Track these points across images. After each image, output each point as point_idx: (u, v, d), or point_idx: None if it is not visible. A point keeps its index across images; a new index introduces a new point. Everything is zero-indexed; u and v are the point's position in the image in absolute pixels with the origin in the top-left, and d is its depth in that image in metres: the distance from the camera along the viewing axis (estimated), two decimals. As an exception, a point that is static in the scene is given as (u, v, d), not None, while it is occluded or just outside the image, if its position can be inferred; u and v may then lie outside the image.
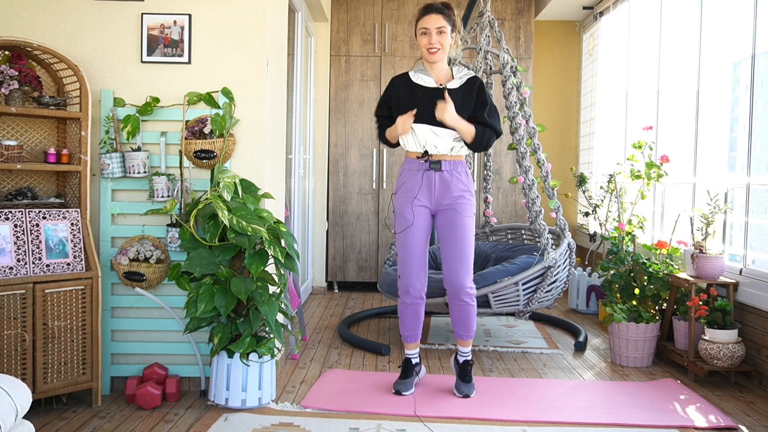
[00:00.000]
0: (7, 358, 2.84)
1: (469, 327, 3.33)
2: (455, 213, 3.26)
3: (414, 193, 3.27)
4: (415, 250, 3.27)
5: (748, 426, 3.02)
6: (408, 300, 3.30)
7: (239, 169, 3.37)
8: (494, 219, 5.20)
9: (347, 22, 6.28)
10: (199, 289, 3.01)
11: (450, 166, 3.26)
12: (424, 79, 3.29)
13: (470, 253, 3.27)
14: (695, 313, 3.65)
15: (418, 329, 3.38)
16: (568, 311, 5.52)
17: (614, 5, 5.82)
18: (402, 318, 3.37)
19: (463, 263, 3.25)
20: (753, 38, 3.75)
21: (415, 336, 3.39)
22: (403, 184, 3.32)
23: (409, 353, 3.43)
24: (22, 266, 2.93)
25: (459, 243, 3.25)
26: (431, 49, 3.20)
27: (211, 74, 3.35)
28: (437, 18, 3.21)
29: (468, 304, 3.27)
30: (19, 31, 3.29)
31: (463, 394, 3.31)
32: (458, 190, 3.27)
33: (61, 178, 3.28)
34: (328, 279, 6.33)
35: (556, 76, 6.85)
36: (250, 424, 2.92)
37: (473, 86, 3.28)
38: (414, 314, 3.34)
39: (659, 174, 4.41)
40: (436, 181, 3.26)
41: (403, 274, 3.28)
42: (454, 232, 3.25)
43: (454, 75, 3.30)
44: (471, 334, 3.35)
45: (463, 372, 3.38)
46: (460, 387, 3.34)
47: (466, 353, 3.40)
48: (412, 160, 3.30)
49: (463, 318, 3.31)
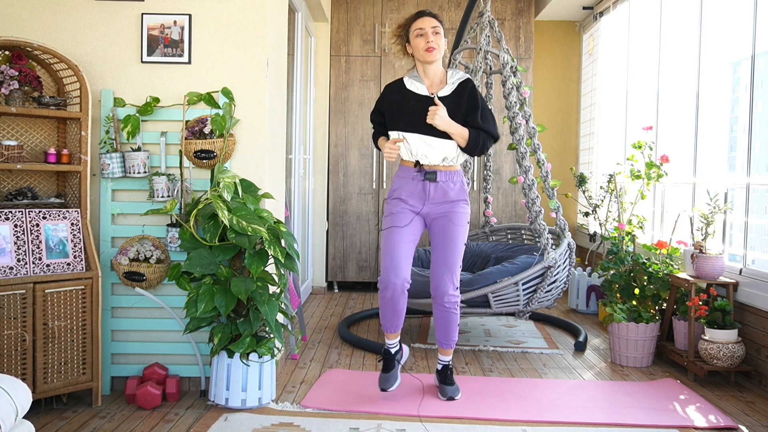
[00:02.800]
0: (7, 358, 2.84)
1: (449, 335, 3.34)
2: (449, 222, 3.27)
3: (407, 199, 3.26)
4: (397, 248, 3.24)
5: (748, 426, 3.02)
6: (387, 294, 3.25)
7: (239, 169, 3.37)
8: (494, 219, 5.20)
9: (347, 22, 6.28)
10: (199, 289, 3.01)
11: (445, 177, 3.26)
12: (418, 86, 3.27)
13: (458, 263, 3.28)
14: (695, 313, 3.65)
15: (399, 321, 3.35)
16: (568, 311, 5.53)
17: (614, 5, 5.82)
18: (381, 312, 3.35)
19: (448, 271, 3.26)
20: (753, 38, 3.75)
21: (395, 327, 3.36)
22: (396, 190, 3.31)
23: (389, 343, 3.41)
24: (22, 266, 2.93)
25: (448, 252, 3.26)
26: (429, 49, 3.20)
27: (211, 74, 3.35)
28: (431, 19, 3.23)
29: (450, 311, 3.28)
30: (19, 31, 3.29)
31: (448, 397, 3.30)
32: (453, 199, 3.27)
33: (61, 178, 3.28)
34: (328, 279, 6.33)
35: (556, 76, 6.85)
36: (250, 424, 2.92)
37: (464, 89, 3.27)
38: (392, 309, 3.29)
39: (659, 174, 4.42)
40: (430, 191, 3.25)
41: (383, 269, 3.27)
42: (444, 241, 3.27)
43: (448, 79, 3.29)
44: (451, 344, 3.36)
45: (443, 376, 3.38)
46: (444, 391, 3.33)
47: (446, 360, 3.40)
48: (408, 168, 3.29)
49: (444, 324, 3.31)
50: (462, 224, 3.28)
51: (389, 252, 3.25)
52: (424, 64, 3.26)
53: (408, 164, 3.29)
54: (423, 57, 3.23)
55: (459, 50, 4.62)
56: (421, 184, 3.25)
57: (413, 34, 3.24)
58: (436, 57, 3.22)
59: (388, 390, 3.31)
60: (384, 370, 3.36)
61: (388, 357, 3.39)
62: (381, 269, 3.30)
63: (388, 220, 3.30)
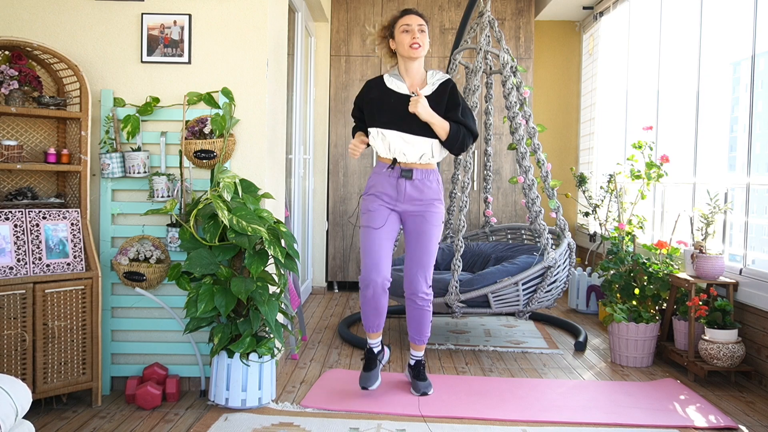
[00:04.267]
0: (7, 358, 2.84)
1: (422, 331, 3.37)
2: (423, 221, 3.29)
3: (382, 196, 3.28)
4: (375, 246, 3.25)
5: (748, 426, 3.02)
6: (368, 293, 3.27)
7: (239, 169, 3.37)
8: (494, 219, 5.20)
9: (347, 22, 6.28)
10: (199, 289, 3.01)
11: (421, 175, 3.27)
12: (398, 84, 3.28)
13: (431, 261, 3.31)
14: (695, 313, 3.65)
15: (381, 320, 3.37)
16: (568, 311, 5.53)
17: (614, 5, 5.82)
18: (363, 310, 3.36)
19: (421, 269, 3.29)
20: (753, 38, 3.75)
21: (377, 326, 3.38)
22: (373, 186, 3.33)
23: (371, 342, 3.43)
24: (22, 266, 2.93)
25: (422, 250, 3.29)
26: (414, 45, 3.20)
27: (211, 74, 3.35)
28: (418, 18, 3.25)
29: (422, 308, 3.31)
30: (19, 31, 3.29)
31: (421, 392, 3.32)
32: (428, 198, 3.28)
33: (61, 178, 3.28)
34: (328, 279, 6.33)
35: (556, 76, 6.85)
36: (250, 424, 2.92)
37: (445, 89, 3.28)
38: (374, 307, 3.30)
39: (659, 174, 4.41)
40: (406, 188, 3.26)
41: (364, 268, 3.28)
42: (419, 239, 3.29)
43: (429, 79, 3.31)
44: (424, 339, 3.39)
45: (416, 372, 3.41)
46: (417, 386, 3.35)
47: (418, 356, 3.43)
48: (385, 164, 3.31)
49: (417, 320, 3.34)
50: (437, 224, 3.31)
51: (369, 251, 3.27)
52: (407, 60, 3.27)
53: (385, 161, 3.31)
54: (407, 53, 3.23)
55: (459, 50, 4.62)
56: (396, 181, 3.26)
57: (399, 30, 3.26)
58: (420, 54, 3.24)
59: (369, 388, 3.32)
60: (365, 369, 3.38)
61: (371, 356, 3.41)
62: (362, 268, 3.31)
63: (366, 218, 3.32)
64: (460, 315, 4.19)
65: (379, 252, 3.24)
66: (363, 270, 3.28)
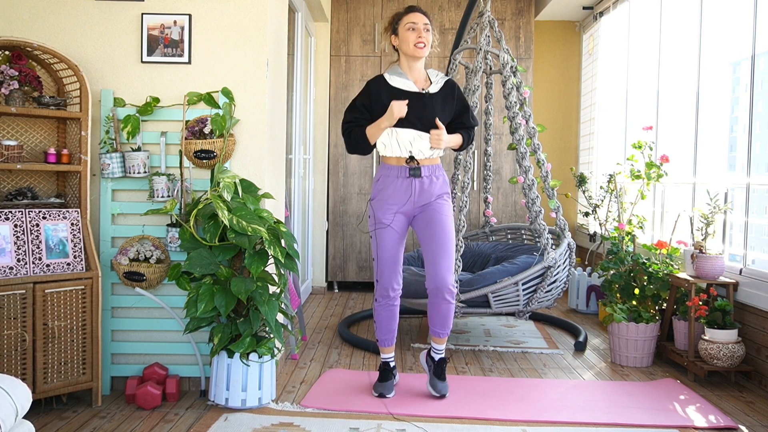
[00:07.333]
0: (7, 358, 2.84)
1: (447, 325, 3.32)
2: (435, 212, 3.26)
3: (393, 199, 3.24)
4: (393, 253, 3.26)
5: (748, 426, 3.02)
6: (386, 302, 3.28)
7: (239, 169, 3.37)
8: (494, 219, 5.20)
9: (347, 22, 6.28)
10: (199, 289, 3.01)
11: (429, 171, 3.26)
12: (404, 82, 3.24)
13: (453, 250, 3.25)
14: (695, 313, 3.65)
15: (395, 332, 3.37)
16: (568, 311, 5.53)
17: (614, 5, 5.82)
18: (379, 321, 3.33)
19: (446, 259, 3.22)
20: (753, 38, 3.75)
21: (392, 339, 3.37)
22: (381, 190, 3.27)
23: (385, 357, 3.39)
24: (22, 266, 2.93)
25: (442, 239, 3.22)
26: (419, 44, 3.19)
27: (211, 74, 3.35)
28: (423, 16, 3.23)
29: (449, 302, 3.25)
30: (19, 31, 3.29)
31: (441, 394, 3.28)
32: (437, 193, 3.27)
33: (61, 178, 3.28)
34: (328, 279, 6.33)
35: (556, 76, 6.85)
36: (250, 424, 2.92)
37: (453, 90, 3.30)
38: (391, 316, 3.32)
39: (659, 174, 4.41)
40: (415, 187, 3.24)
41: (382, 277, 3.27)
42: (435, 230, 3.24)
43: (432, 78, 3.31)
44: (448, 332, 3.35)
45: (439, 370, 3.34)
46: (436, 385, 3.31)
47: (441, 351, 3.37)
48: (391, 166, 3.26)
49: (443, 315, 3.28)
50: (448, 215, 3.28)
51: (385, 259, 3.26)
52: (410, 59, 3.25)
53: (391, 161, 3.27)
54: (412, 51, 3.21)
55: (459, 50, 4.62)
56: (407, 181, 3.24)
57: (403, 27, 3.23)
58: (424, 53, 3.23)
59: (386, 396, 3.29)
60: (381, 380, 3.36)
61: (387, 369, 3.38)
62: (379, 278, 3.28)
63: (378, 225, 3.27)
64: (460, 315, 4.19)
65: (395, 260, 3.26)
66: (380, 279, 3.27)
